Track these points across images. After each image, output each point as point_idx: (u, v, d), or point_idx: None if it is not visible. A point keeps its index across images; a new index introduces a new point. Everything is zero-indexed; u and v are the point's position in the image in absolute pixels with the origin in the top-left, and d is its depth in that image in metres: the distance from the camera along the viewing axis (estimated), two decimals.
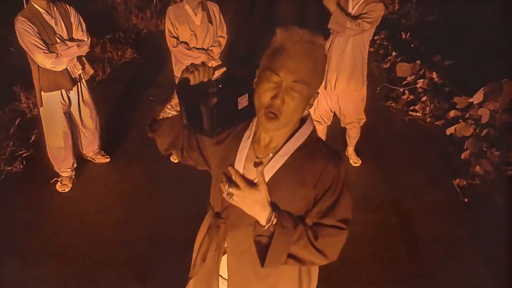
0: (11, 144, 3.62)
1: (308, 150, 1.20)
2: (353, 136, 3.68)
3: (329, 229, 1.16)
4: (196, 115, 1.12)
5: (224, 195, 1.18)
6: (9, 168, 3.45)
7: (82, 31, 3.06)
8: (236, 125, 1.26)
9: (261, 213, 1.14)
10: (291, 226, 1.14)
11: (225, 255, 1.32)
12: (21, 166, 3.51)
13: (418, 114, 4.55)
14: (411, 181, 3.55)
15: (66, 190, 3.27)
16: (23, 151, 3.63)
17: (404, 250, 2.86)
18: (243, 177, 1.19)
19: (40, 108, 3.10)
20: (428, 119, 4.36)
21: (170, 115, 1.32)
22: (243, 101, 1.21)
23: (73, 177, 3.34)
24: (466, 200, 3.29)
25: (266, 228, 1.14)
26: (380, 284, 2.58)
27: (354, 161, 3.75)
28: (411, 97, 4.78)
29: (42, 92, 2.98)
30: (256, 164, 1.20)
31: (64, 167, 3.26)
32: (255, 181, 1.17)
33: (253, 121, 1.26)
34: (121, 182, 3.43)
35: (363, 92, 3.41)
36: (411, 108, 4.66)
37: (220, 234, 1.30)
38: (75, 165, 3.32)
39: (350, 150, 3.79)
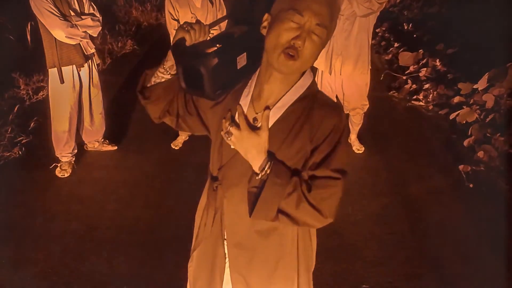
0: (9, 130, 3.58)
1: (307, 102, 1.15)
2: (356, 123, 3.64)
3: (323, 180, 1.10)
4: (195, 77, 1.06)
5: (222, 133, 1.15)
6: (8, 154, 3.41)
7: (94, 10, 3.09)
8: (236, 85, 1.21)
9: (256, 159, 1.11)
10: (286, 177, 1.10)
11: None
12: (20, 152, 3.47)
13: (421, 103, 4.52)
14: (415, 167, 3.52)
15: (66, 175, 3.23)
16: (22, 137, 3.59)
17: (409, 234, 2.82)
18: (246, 119, 1.14)
19: (49, 88, 3.08)
20: (431, 107, 4.32)
21: (163, 80, 1.24)
22: (241, 61, 1.17)
23: (73, 162, 3.30)
24: (471, 185, 3.25)
25: (260, 176, 1.10)
26: (385, 266, 2.54)
27: (357, 148, 3.71)
28: (414, 86, 4.74)
29: (51, 70, 2.97)
30: (254, 120, 1.16)
31: (65, 152, 3.22)
32: (259, 125, 1.13)
33: (252, 77, 1.22)
34: (121, 168, 3.40)
35: (367, 77, 3.38)
36: (414, 97, 4.63)
37: (217, 197, 1.27)
38: (75, 151, 3.29)
39: (353, 137, 3.75)
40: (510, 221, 2.88)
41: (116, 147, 3.60)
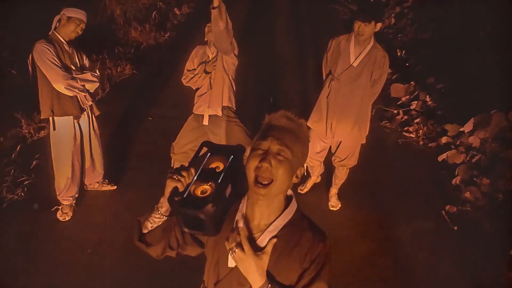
0: (12, 172, 3.69)
1: (295, 227, 1.31)
2: (339, 177, 3.53)
3: None
4: (196, 223, 1.17)
5: (227, 248, 1.23)
6: (11, 195, 3.52)
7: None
8: (229, 211, 1.33)
9: (257, 281, 1.23)
10: None
11: None
12: (22, 193, 3.58)
13: (411, 135, 4.64)
14: (403, 207, 3.64)
15: (67, 218, 3.34)
16: (24, 178, 3.70)
17: (396, 278, 2.95)
18: (250, 241, 1.25)
19: (51, 138, 3.18)
20: (421, 142, 4.46)
21: (160, 223, 1.33)
22: (228, 189, 1.28)
23: (74, 205, 3.42)
24: (455, 228, 3.38)
25: None
26: None
27: (332, 204, 3.60)
28: (405, 117, 4.87)
29: (54, 117, 3.08)
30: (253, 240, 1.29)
31: (67, 196, 3.33)
32: (263, 248, 1.25)
33: (242, 202, 1.36)
34: (121, 210, 3.49)
35: (362, 139, 3.34)
36: (405, 128, 4.75)
37: None
38: (77, 195, 3.40)
39: (333, 192, 3.62)
40: (495, 263, 3.02)
41: (115, 187, 3.72)
